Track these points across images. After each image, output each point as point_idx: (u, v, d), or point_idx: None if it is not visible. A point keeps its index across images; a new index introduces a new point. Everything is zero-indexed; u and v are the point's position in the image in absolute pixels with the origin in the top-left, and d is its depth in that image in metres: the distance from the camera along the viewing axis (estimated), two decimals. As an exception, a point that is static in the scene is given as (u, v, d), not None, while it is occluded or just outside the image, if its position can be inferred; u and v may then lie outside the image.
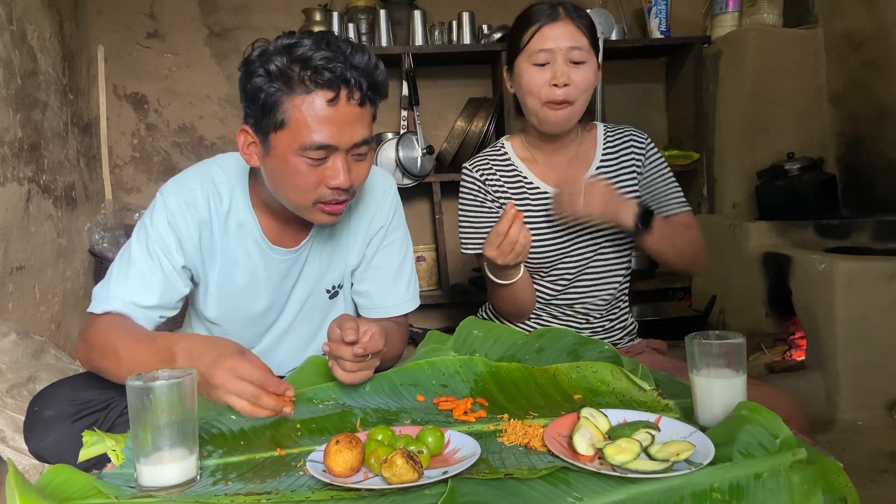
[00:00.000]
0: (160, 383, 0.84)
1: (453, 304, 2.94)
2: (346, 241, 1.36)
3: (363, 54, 1.10)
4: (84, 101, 2.76)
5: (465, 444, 0.91)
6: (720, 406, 0.94)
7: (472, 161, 1.58)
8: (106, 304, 1.18)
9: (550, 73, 1.40)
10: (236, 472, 0.90)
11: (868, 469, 1.71)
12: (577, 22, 1.42)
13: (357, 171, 1.15)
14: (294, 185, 1.13)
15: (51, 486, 0.81)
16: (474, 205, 1.55)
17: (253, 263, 1.28)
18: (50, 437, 1.14)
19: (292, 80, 1.07)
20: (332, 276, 1.37)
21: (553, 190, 1.50)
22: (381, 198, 1.37)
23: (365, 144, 1.14)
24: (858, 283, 2.02)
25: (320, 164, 1.11)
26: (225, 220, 1.26)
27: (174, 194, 1.23)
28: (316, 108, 1.07)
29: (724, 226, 2.70)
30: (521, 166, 1.55)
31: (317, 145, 1.09)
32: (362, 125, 1.12)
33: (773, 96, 2.76)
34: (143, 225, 1.23)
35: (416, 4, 2.93)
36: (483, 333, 1.29)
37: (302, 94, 1.07)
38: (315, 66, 1.06)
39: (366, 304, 1.40)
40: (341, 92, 1.07)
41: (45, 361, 1.86)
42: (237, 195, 1.26)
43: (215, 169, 1.27)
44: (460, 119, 2.98)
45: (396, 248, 1.40)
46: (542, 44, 1.41)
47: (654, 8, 2.96)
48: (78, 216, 2.58)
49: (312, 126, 1.08)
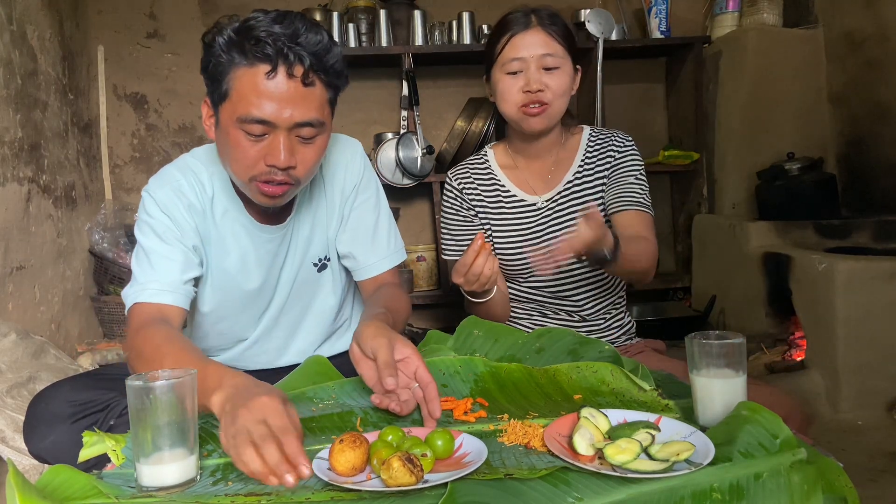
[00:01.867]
0: (160, 383, 0.84)
1: (453, 304, 2.93)
2: (325, 210, 1.36)
3: (316, 34, 1.09)
4: (84, 101, 2.76)
5: (475, 448, 0.90)
6: (720, 406, 0.93)
7: (454, 169, 1.62)
8: (141, 293, 1.17)
9: (524, 80, 1.42)
10: (236, 472, 0.90)
11: (868, 469, 1.71)
12: (550, 29, 1.43)
13: (303, 154, 1.13)
14: (234, 159, 1.14)
15: (51, 486, 0.81)
16: (451, 213, 1.59)
17: (242, 246, 1.29)
18: (50, 438, 1.14)
19: (236, 51, 1.07)
20: (317, 248, 1.37)
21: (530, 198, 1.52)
22: (349, 160, 1.37)
23: (310, 126, 1.11)
24: (858, 283, 2.02)
25: (260, 141, 1.11)
26: (211, 207, 1.27)
27: (160, 187, 1.24)
28: (254, 80, 1.07)
29: (724, 226, 2.70)
30: (500, 174, 1.57)
31: (252, 118, 1.08)
32: (307, 106, 1.10)
33: (773, 96, 2.76)
34: (143, 221, 1.24)
35: (416, 4, 2.93)
36: (483, 333, 1.29)
37: (243, 65, 1.08)
38: (256, 36, 1.06)
39: (353, 267, 1.40)
40: (279, 66, 1.06)
41: (45, 361, 1.86)
42: (217, 182, 1.27)
43: (191, 160, 1.29)
44: (460, 119, 2.98)
45: (371, 204, 1.39)
46: (514, 52, 1.43)
47: (654, 8, 2.96)
48: (78, 216, 2.57)
49: (249, 98, 1.08)
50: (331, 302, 1.42)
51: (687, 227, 3.05)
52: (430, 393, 1.01)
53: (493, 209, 1.56)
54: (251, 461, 0.78)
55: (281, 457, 0.78)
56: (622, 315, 1.61)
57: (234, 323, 1.37)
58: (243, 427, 0.81)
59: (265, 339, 1.40)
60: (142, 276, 1.20)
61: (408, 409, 1.03)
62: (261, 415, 0.82)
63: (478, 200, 1.57)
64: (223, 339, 1.40)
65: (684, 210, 3.13)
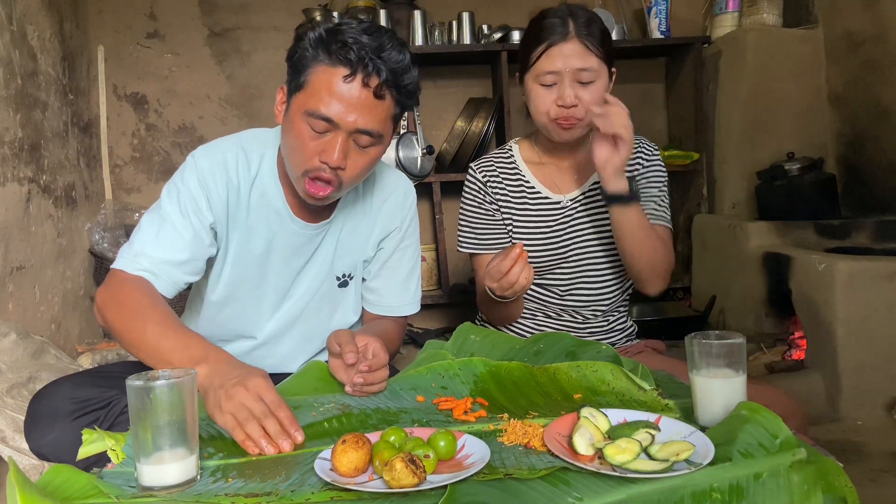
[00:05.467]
0: (161, 383, 0.84)
1: (453, 304, 2.94)
2: (366, 231, 1.39)
3: (399, 53, 1.15)
4: (84, 101, 2.76)
5: (478, 448, 0.90)
6: (720, 406, 0.94)
7: (478, 162, 1.58)
8: (135, 261, 1.20)
9: (557, 94, 1.39)
10: (237, 472, 0.90)
11: (868, 469, 1.71)
12: (587, 40, 1.38)
13: (354, 160, 1.18)
14: (294, 148, 1.18)
15: (51, 485, 0.81)
16: (473, 205, 1.55)
17: (271, 231, 1.30)
18: (50, 435, 1.14)
19: (322, 49, 1.13)
20: (346, 263, 1.39)
21: (555, 196, 1.50)
22: (402, 199, 1.41)
23: (369, 135, 1.16)
24: (858, 283, 2.02)
25: (321, 137, 1.15)
26: (250, 187, 1.29)
27: (205, 156, 1.26)
28: (331, 80, 1.12)
29: (724, 226, 2.70)
30: (526, 170, 1.55)
31: (320, 115, 1.13)
32: (372, 116, 1.15)
33: (773, 96, 2.76)
34: (174, 184, 1.26)
35: (416, 4, 2.93)
36: (480, 338, 1.30)
37: (325, 63, 1.13)
38: (344, 41, 1.12)
39: (374, 301, 1.44)
40: (358, 73, 1.12)
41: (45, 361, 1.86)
42: (265, 165, 1.29)
43: (248, 137, 1.31)
44: (460, 119, 2.98)
45: (411, 252, 1.45)
46: (549, 65, 1.38)
47: (654, 8, 2.96)
48: (78, 216, 2.58)
49: (322, 95, 1.13)
50: (351, 319, 1.45)
51: (687, 227, 3.05)
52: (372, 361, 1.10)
53: (516, 205, 1.53)
54: (254, 431, 0.94)
55: (280, 428, 0.95)
56: (624, 318, 1.61)
57: (241, 310, 1.36)
58: (242, 404, 0.96)
59: (275, 343, 1.40)
60: (140, 243, 1.22)
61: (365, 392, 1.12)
62: (257, 393, 0.97)
63: (501, 195, 1.53)
64: (228, 328, 1.38)
65: (684, 210, 3.13)
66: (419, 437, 0.91)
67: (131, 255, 1.21)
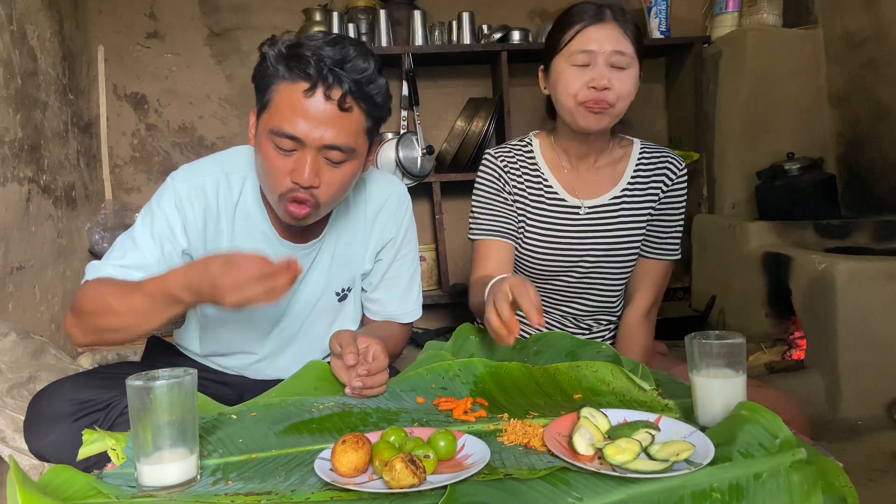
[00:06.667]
0: (160, 383, 0.84)
1: (453, 304, 2.94)
2: (362, 244, 1.37)
3: (364, 62, 1.11)
4: (84, 101, 2.76)
5: (478, 449, 0.90)
6: (720, 406, 0.93)
7: (496, 149, 1.51)
8: (97, 272, 1.19)
9: (590, 76, 1.33)
10: (236, 472, 0.90)
11: (868, 469, 1.71)
12: (624, 26, 1.35)
13: (329, 178, 1.14)
14: (265, 171, 1.15)
15: (51, 485, 0.81)
16: (490, 192, 1.48)
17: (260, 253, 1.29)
18: (50, 436, 1.14)
19: (283, 65, 1.10)
20: (344, 278, 1.38)
21: (573, 200, 1.47)
22: (395, 208, 1.39)
23: (339, 151, 1.12)
24: (858, 283, 2.02)
25: (288, 156, 1.12)
26: (233, 211, 1.27)
27: (184, 179, 1.25)
28: (292, 96, 1.09)
29: (724, 226, 2.70)
30: (545, 168, 1.48)
31: (283, 132, 1.10)
32: (340, 129, 1.11)
33: (773, 96, 2.76)
34: (150, 207, 1.25)
35: (416, 4, 2.93)
36: (480, 339, 1.30)
37: (286, 80, 1.10)
38: (303, 55, 1.08)
39: (376, 310, 1.44)
40: (318, 86, 1.08)
41: (45, 361, 1.86)
42: (248, 187, 1.27)
43: (228, 160, 1.29)
44: (460, 119, 2.98)
45: (409, 260, 1.43)
46: (583, 44, 1.33)
47: (654, 8, 2.96)
48: (78, 216, 2.58)
49: (285, 112, 1.10)
50: (350, 329, 1.43)
51: (687, 227, 3.05)
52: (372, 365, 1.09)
53: (532, 201, 1.47)
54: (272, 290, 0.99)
55: (285, 270, 1.00)
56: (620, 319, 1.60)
57: (238, 331, 1.35)
58: (244, 276, 0.98)
59: (274, 357, 1.40)
60: (110, 258, 1.22)
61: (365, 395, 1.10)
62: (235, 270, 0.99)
63: (519, 187, 1.47)
64: (227, 345, 1.39)
65: (684, 210, 3.13)
66: (419, 437, 0.91)
67: (97, 268, 1.21)
